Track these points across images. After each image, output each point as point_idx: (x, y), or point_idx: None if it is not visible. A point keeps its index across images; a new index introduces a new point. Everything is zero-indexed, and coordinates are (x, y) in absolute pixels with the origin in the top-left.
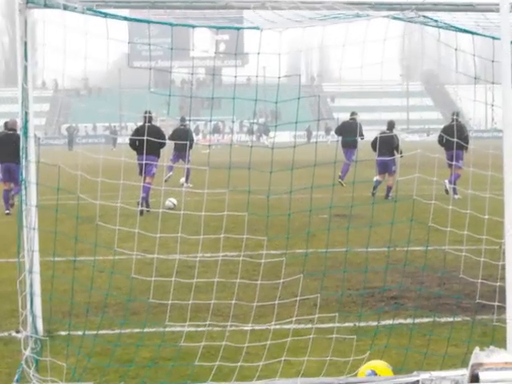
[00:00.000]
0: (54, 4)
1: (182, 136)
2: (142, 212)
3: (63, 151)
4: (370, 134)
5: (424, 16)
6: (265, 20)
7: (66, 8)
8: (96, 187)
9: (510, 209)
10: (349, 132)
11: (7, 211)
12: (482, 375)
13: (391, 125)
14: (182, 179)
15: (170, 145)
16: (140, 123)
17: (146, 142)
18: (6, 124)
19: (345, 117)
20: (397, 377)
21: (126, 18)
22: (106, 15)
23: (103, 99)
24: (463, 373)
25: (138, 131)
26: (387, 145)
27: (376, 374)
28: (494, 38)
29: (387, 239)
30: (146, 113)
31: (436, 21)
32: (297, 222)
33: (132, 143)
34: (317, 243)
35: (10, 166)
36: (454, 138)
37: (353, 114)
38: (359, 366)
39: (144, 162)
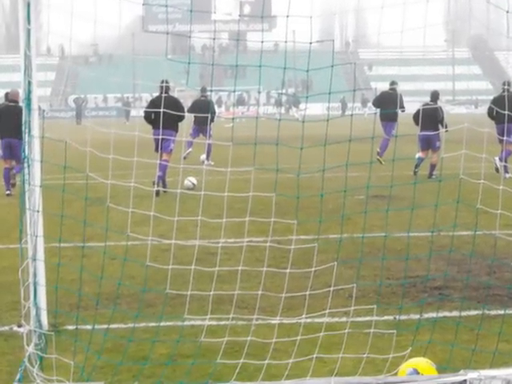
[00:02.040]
0: None
1: (203, 108)
2: (158, 192)
3: (70, 125)
4: (411, 105)
5: None
6: None
7: None
8: (107, 165)
9: None
10: (388, 104)
11: (8, 192)
12: None
13: (435, 96)
14: (203, 156)
15: (189, 118)
16: (156, 94)
17: (163, 114)
18: (6, 95)
19: (384, 87)
20: (441, 376)
21: None
22: None
23: (115, 67)
24: None
25: (154, 103)
26: (431, 118)
27: (418, 373)
28: None
29: (431, 223)
30: (162, 82)
31: None
32: (330, 203)
33: (147, 116)
34: (352, 227)
35: (11, 142)
36: (505, 110)
37: (392, 83)
38: (399, 363)
39: (160, 136)
